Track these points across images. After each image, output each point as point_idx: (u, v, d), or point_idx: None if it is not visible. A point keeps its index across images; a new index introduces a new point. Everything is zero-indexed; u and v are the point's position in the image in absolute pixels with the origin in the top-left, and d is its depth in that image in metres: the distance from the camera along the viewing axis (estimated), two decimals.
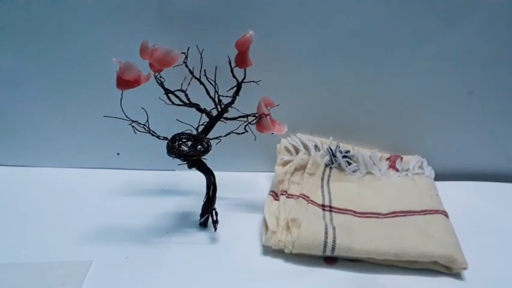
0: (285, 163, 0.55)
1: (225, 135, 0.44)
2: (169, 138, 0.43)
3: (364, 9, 0.50)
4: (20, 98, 0.55)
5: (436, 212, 0.49)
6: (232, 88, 0.44)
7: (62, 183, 0.56)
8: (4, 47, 0.51)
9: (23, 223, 0.49)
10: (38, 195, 0.54)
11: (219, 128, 0.44)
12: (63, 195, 0.54)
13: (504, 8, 0.49)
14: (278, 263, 0.44)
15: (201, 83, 0.43)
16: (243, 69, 0.44)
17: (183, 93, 0.43)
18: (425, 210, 0.49)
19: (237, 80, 0.44)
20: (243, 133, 0.44)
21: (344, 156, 0.56)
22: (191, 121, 0.44)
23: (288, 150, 0.56)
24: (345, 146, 0.57)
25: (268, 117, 0.43)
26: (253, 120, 0.43)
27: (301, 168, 0.54)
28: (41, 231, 0.47)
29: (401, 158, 0.57)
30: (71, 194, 0.54)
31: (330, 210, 0.49)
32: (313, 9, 0.49)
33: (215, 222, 0.46)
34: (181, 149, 0.43)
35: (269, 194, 0.51)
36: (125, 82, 0.39)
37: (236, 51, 0.43)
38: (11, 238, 0.46)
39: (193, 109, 0.44)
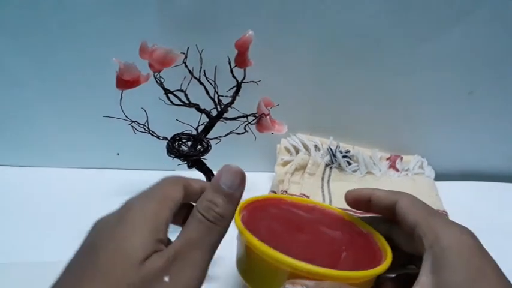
0: (285, 163, 0.55)
1: (225, 135, 0.44)
2: (169, 138, 0.43)
3: (364, 9, 0.50)
4: (20, 98, 0.55)
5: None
6: (232, 88, 0.44)
7: (62, 183, 0.56)
8: (4, 47, 0.51)
9: (22, 223, 0.49)
10: (38, 195, 0.54)
11: (219, 128, 0.44)
12: (64, 195, 0.54)
13: (504, 8, 0.49)
14: None
15: (201, 83, 0.43)
16: (242, 69, 0.44)
17: (183, 93, 0.43)
18: None
19: (237, 80, 0.43)
20: (243, 133, 0.44)
21: (344, 156, 0.56)
22: (191, 121, 0.44)
23: (288, 150, 0.56)
24: (345, 146, 0.57)
25: (268, 117, 0.43)
26: (253, 120, 0.43)
27: (301, 168, 0.54)
28: (40, 230, 0.47)
29: (402, 158, 0.57)
30: (71, 194, 0.54)
31: None
32: (313, 9, 0.49)
33: None
34: (181, 149, 0.43)
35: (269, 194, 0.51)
36: (124, 82, 0.39)
37: (236, 51, 0.43)
38: (10, 238, 0.46)
39: (193, 109, 0.44)
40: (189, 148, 0.44)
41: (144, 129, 0.42)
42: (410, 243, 0.31)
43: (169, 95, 0.42)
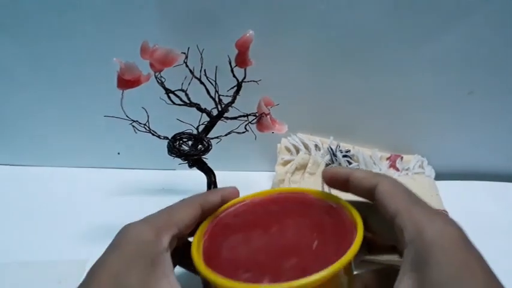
0: (286, 162, 0.55)
1: (226, 135, 0.44)
2: (169, 137, 0.43)
3: (365, 9, 0.50)
4: (20, 97, 0.55)
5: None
6: (232, 88, 0.44)
7: (62, 182, 0.57)
8: (4, 47, 0.51)
9: (22, 222, 0.49)
10: (38, 194, 0.54)
11: (220, 127, 0.44)
12: (63, 195, 0.54)
13: (504, 8, 0.49)
14: None
15: (202, 82, 0.43)
16: (243, 69, 0.44)
17: (184, 93, 0.43)
18: None
19: (237, 80, 0.43)
20: (243, 132, 0.44)
21: (344, 156, 0.56)
22: (192, 121, 0.44)
23: (289, 150, 0.56)
24: (345, 146, 0.57)
25: (268, 116, 0.43)
26: (253, 119, 0.43)
27: (302, 167, 0.54)
28: (40, 230, 0.47)
29: (402, 158, 0.57)
30: (70, 194, 0.54)
31: None
32: (313, 8, 0.49)
33: None
34: (181, 148, 0.43)
35: None
36: (125, 82, 0.39)
37: (236, 51, 0.43)
38: (9, 237, 0.46)
39: (194, 109, 0.44)
40: (190, 147, 0.44)
41: (145, 128, 0.42)
42: (391, 232, 0.28)
43: (170, 94, 0.42)
